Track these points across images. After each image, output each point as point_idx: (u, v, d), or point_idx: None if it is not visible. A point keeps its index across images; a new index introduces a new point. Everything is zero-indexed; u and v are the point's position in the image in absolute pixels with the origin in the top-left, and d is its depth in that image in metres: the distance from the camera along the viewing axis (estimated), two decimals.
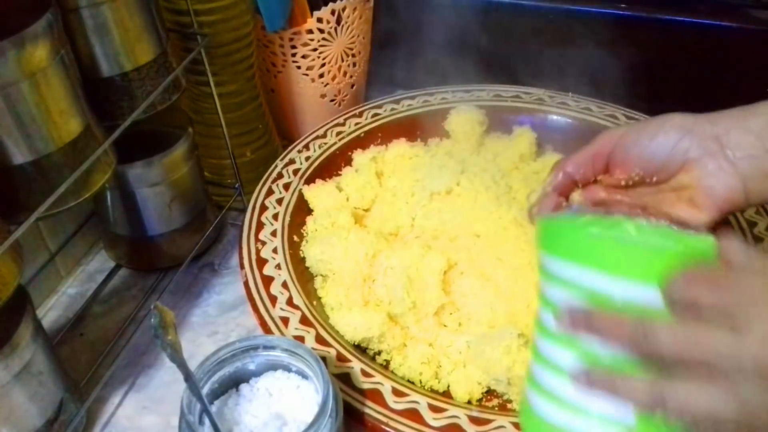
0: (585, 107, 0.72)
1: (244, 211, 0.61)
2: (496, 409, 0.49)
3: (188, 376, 0.39)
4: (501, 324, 0.52)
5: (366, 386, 0.47)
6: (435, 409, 0.46)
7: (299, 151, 0.67)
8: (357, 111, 0.72)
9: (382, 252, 0.56)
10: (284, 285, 0.54)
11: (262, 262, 0.56)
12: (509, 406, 0.49)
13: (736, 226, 0.58)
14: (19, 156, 0.42)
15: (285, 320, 0.51)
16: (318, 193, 0.63)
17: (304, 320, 0.51)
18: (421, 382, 0.50)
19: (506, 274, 0.55)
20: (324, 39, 0.72)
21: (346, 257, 0.55)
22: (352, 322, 0.51)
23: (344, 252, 0.55)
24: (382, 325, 0.51)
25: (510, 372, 0.47)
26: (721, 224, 0.59)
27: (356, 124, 0.71)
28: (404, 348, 0.52)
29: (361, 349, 0.52)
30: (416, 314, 0.53)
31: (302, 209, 0.63)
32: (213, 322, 0.60)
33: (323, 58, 0.73)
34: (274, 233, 0.58)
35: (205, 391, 0.41)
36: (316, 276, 0.58)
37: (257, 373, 0.44)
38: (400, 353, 0.52)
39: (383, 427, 0.45)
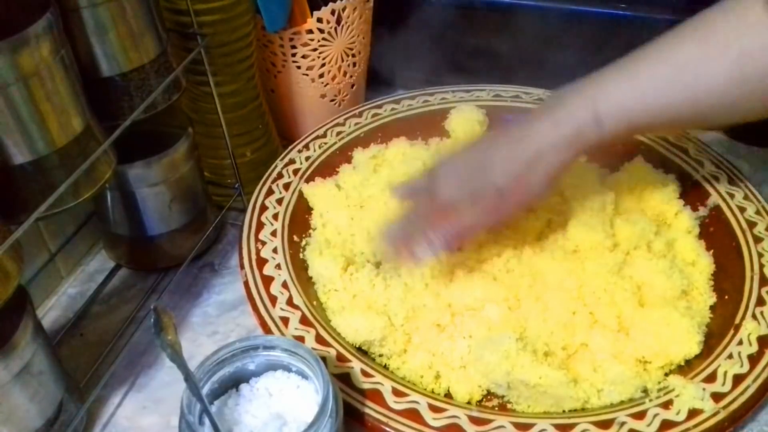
0: None
1: (244, 211, 0.61)
2: (496, 409, 0.49)
3: (188, 376, 0.39)
4: (500, 328, 0.52)
5: (366, 386, 0.47)
6: (435, 409, 0.46)
7: (299, 151, 0.67)
8: (357, 111, 0.72)
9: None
10: (284, 285, 0.54)
11: (262, 262, 0.56)
12: (509, 406, 0.49)
13: (736, 226, 0.59)
14: (19, 156, 0.42)
15: (285, 320, 0.51)
16: (317, 191, 0.63)
17: (304, 320, 0.51)
18: (421, 384, 0.50)
19: (504, 272, 0.55)
20: (324, 39, 0.72)
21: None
22: (353, 324, 0.51)
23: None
24: (384, 329, 0.51)
25: (509, 376, 0.47)
26: (720, 227, 0.60)
27: (356, 124, 0.71)
28: (404, 353, 0.52)
29: (362, 351, 0.52)
30: (415, 322, 0.53)
31: (302, 209, 0.63)
32: (213, 322, 0.60)
33: (323, 58, 0.73)
34: (274, 233, 0.58)
35: (205, 391, 0.41)
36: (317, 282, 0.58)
37: (257, 373, 0.44)
38: (400, 358, 0.52)
39: (383, 427, 0.45)
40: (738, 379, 0.47)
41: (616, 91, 0.47)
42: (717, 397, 0.46)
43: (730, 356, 0.49)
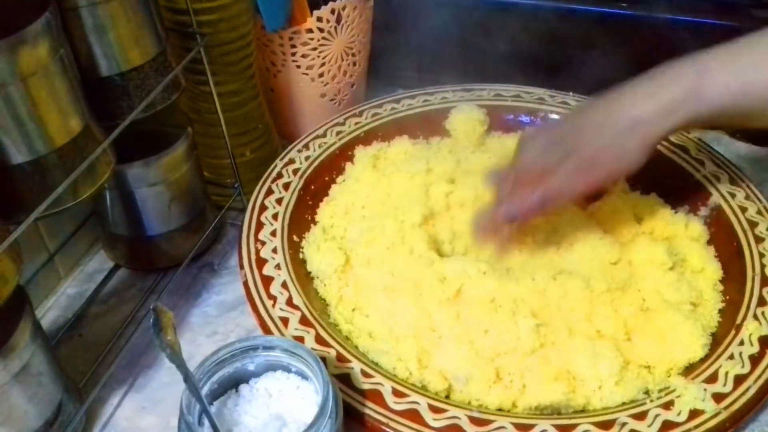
0: None
1: (243, 210, 0.61)
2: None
3: (187, 377, 0.39)
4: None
5: (366, 387, 0.47)
6: (435, 410, 0.45)
7: (299, 151, 0.67)
8: (357, 110, 0.72)
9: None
10: (284, 285, 0.54)
11: (261, 262, 0.56)
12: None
13: (737, 226, 0.58)
14: (18, 156, 0.42)
15: (285, 320, 0.51)
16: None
17: (303, 320, 0.51)
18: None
19: None
20: (324, 38, 0.72)
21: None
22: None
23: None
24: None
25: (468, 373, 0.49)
26: (721, 227, 0.59)
27: (356, 123, 0.71)
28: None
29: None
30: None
31: (302, 209, 0.63)
32: (212, 322, 0.59)
33: (323, 58, 0.73)
34: (273, 233, 0.58)
35: (204, 391, 0.41)
36: (316, 278, 0.58)
37: (257, 374, 0.44)
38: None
39: (383, 427, 0.45)
40: (739, 379, 0.47)
41: (719, 69, 0.47)
42: (718, 397, 0.46)
43: (732, 357, 0.48)
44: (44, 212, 0.42)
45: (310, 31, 0.71)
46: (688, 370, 0.49)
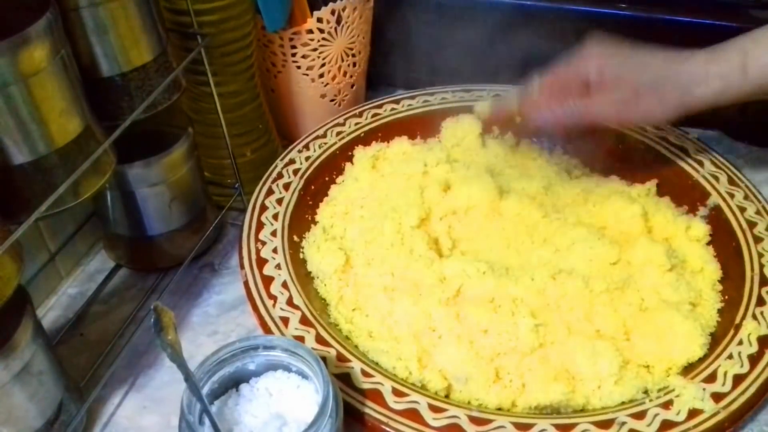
0: None
1: (244, 211, 0.61)
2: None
3: (188, 376, 0.39)
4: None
5: (366, 386, 0.47)
6: (435, 409, 0.46)
7: (299, 151, 0.67)
8: (357, 111, 0.72)
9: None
10: (284, 285, 0.54)
11: (262, 262, 0.56)
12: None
13: (736, 226, 0.59)
14: (19, 156, 0.42)
15: (285, 320, 0.51)
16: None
17: (304, 320, 0.51)
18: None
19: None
20: (324, 39, 0.72)
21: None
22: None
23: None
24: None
25: (468, 372, 0.48)
26: (720, 227, 0.60)
27: (356, 124, 0.71)
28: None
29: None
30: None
31: (302, 209, 0.63)
32: (213, 322, 0.60)
33: (323, 58, 0.73)
34: (274, 233, 0.58)
35: (205, 391, 0.41)
36: (316, 277, 0.58)
37: (257, 373, 0.44)
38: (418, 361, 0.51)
39: (383, 427, 0.45)
40: (738, 379, 0.47)
41: (761, 48, 0.52)
42: (717, 397, 0.46)
43: (731, 356, 0.49)
44: (45, 212, 0.42)
45: (310, 31, 0.71)
46: (687, 370, 0.49)
